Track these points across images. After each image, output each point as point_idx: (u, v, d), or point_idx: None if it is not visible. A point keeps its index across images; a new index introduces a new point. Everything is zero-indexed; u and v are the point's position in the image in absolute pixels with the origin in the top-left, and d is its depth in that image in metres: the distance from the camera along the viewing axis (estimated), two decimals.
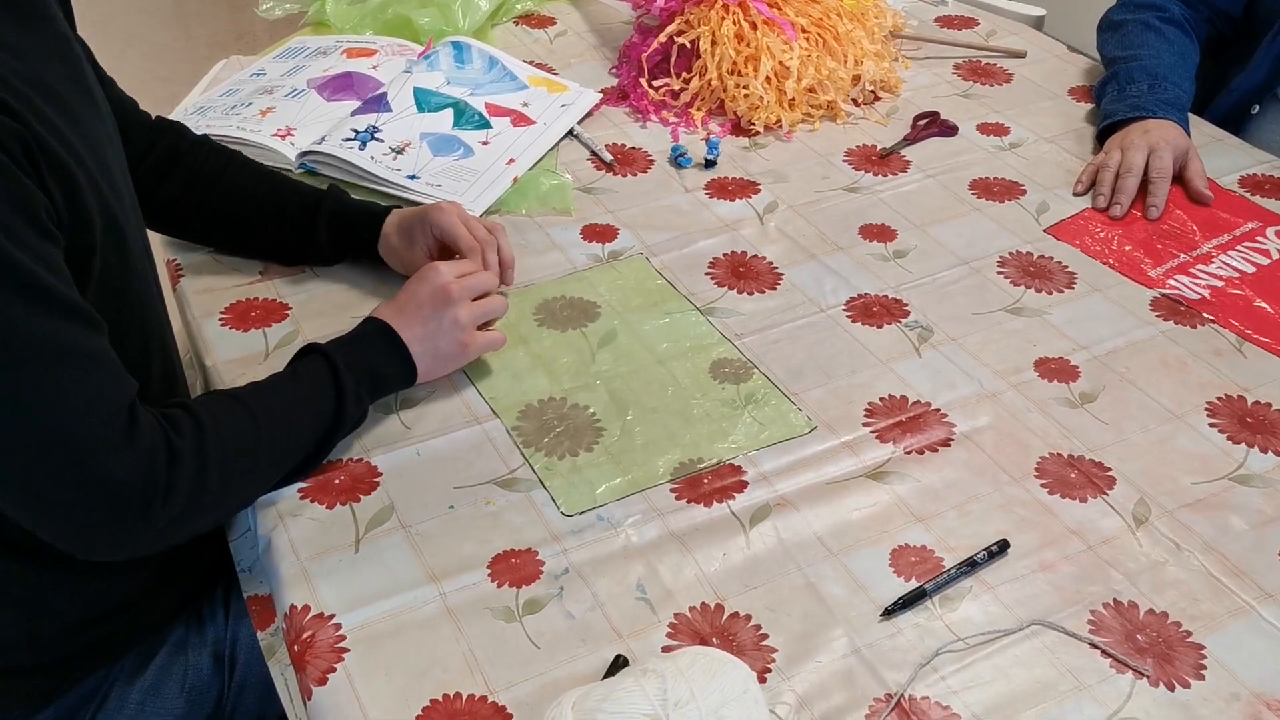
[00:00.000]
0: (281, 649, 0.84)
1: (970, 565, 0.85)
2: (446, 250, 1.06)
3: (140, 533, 0.78)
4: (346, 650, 0.79)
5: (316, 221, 1.09)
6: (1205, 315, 1.10)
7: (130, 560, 0.91)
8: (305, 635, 0.80)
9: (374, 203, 1.14)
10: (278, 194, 1.11)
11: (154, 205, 1.01)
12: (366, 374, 0.92)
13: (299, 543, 0.87)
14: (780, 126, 1.40)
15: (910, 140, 1.39)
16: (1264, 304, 1.12)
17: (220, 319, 1.09)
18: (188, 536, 0.83)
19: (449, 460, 0.94)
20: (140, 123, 1.06)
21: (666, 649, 0.79)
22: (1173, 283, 1.15)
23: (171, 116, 1.37)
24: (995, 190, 1.30)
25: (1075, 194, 1.29)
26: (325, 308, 1.10)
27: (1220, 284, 1.15)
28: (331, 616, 0.81)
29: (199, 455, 0.79)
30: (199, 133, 1.29)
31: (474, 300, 0.98)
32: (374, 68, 1.45)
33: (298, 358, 0.93)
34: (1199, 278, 1.16)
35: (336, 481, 0.92)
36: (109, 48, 3.00)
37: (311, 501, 0.90)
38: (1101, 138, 1.36)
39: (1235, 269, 1.17)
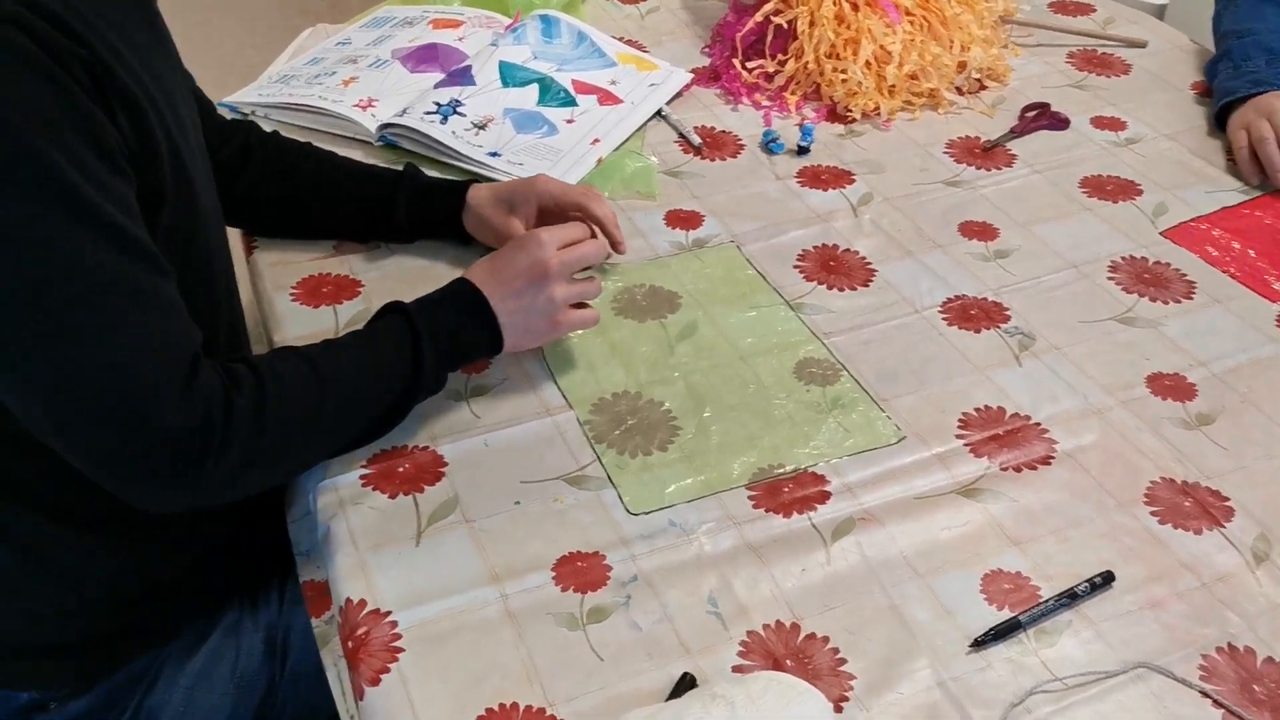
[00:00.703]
0: (335, 639, 0.81)
1: (1070, 597, 0.79)
2: (545, 222, 1.02)
3: (191, 485, 0.76)
4: (401, 650, 0.75)
5: (395, 201, 1.07)
6: None
7: (184, 530, 0.90)
8: (360, 631, 0.77)
9: (450, 179, 1.11)
10: (353, 178, 1.10)
11: (231, 200, 1.01)
12: (449, 341, 0.88)
13: (358, 532, 0.83)
14: (878, 114, 1.33)
15: (1017, 133, 1.31)
16: None
17: (291, 294, 1.06)
18: (244, 494, 0.81)
19: (518, 453, 0.90)
20: (213, 119, 1.06)
21: (737, 669, 0.75)
22: None
23: (256, 83, 1.36)
24: (1108, 189, 1.22)
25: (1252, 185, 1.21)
26: (398, 286, 1.07)
27: None
28: (388, 613, 0.78)
29: (257, 413, 0.77)
30: (280, 101, 1.29)
31: (573, 276, 0.94)
32: (460, 39, 1.41)
33: (378, 316, 0.90)
34: None
35: (400, 470, 0.88)
36: (196, 15, 3.02)
37: (374, 489, 0.87)
38: (1219, 118, 1.28)
39: None
